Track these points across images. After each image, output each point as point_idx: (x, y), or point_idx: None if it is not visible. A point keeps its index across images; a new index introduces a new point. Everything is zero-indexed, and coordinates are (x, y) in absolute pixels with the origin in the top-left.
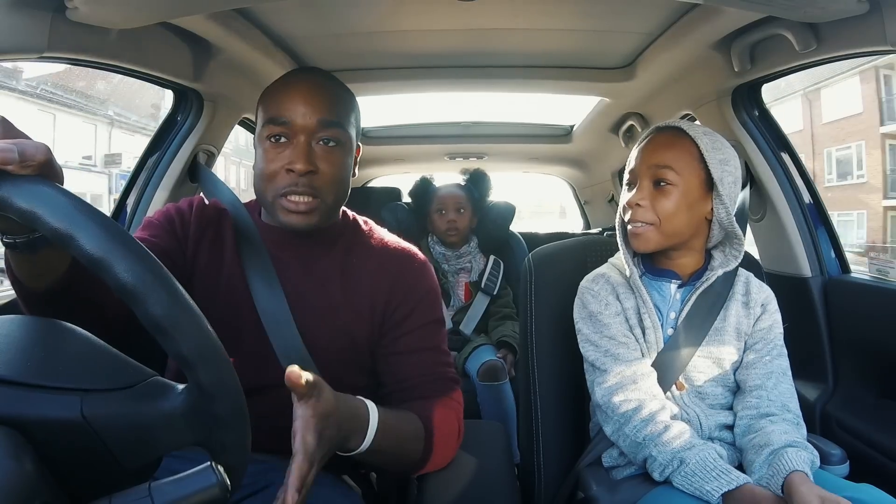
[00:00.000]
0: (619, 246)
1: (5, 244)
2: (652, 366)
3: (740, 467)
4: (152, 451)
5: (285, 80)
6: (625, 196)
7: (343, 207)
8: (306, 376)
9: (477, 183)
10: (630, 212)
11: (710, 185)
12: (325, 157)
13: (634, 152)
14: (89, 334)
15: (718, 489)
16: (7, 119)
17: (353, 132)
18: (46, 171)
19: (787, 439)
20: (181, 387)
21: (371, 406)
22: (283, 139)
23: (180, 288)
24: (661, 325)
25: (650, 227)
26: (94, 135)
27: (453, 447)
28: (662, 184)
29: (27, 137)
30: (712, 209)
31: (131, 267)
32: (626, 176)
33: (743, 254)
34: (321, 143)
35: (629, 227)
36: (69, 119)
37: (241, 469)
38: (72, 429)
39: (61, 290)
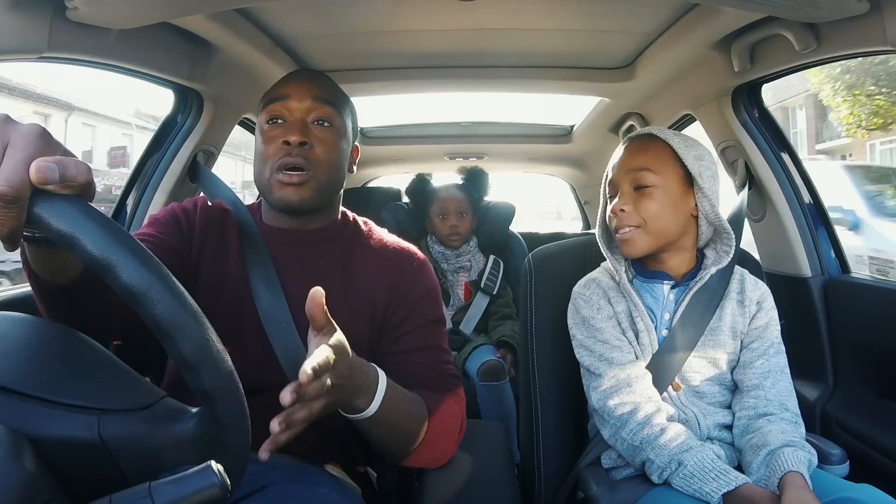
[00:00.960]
0: (604, 254)
1: (25, 238)
2: (647, 367)
3: (739, 467)
4: (157, 469)
5: (285, 75)
6: (607, 207)
7: (343, 208)
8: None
9: (476, 182)
10: (615, 220)
11: (689, 181)
12: (319, 136)
13: (611, 164)
14: (101, 347)
15: (717, 490)
16: (47, 131)
17: (348, 122)
18: (84, 191)
19: (784, 439)
20: (193, 410)
21: (381, 371)
22: (279, 121)
23: (211, 327)
24: (655, 326)
25: (637, 231)
26: (235, 168)
27: (454, 439)
28: (644, 187)
29: (68, 150)
30: (696, 205)
31: (167, 304)
32: (605, 189)
33: (734, 249)
34: (316, 123)
35: (617, 235)
36: (223, 160)
37: (240, 474)
38: (87, 448)
39: (76, 287)
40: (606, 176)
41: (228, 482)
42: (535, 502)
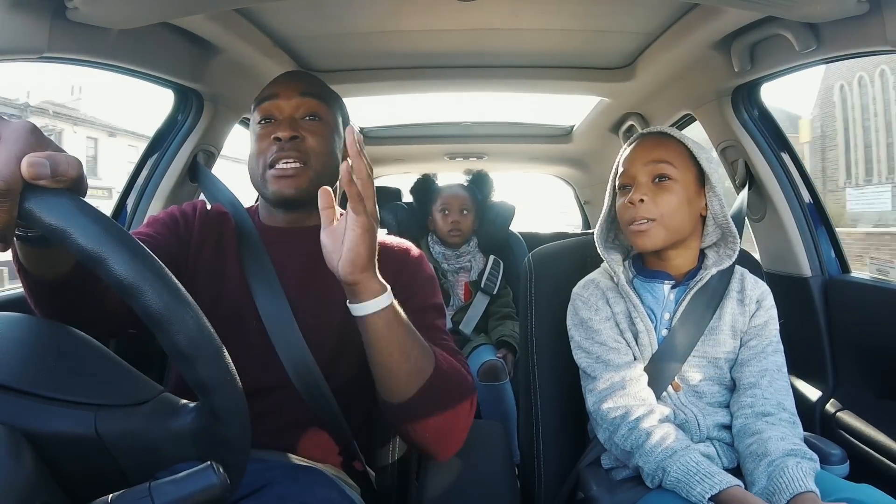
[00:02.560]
0: (601, 253)
1: (17, 236)
2: (646, 368)
3: (740, 468)
4: (156, 465)
5: (275, 78)
6: (618, 200)
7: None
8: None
9: (480, 184)
10: (630, 211)
11: (700, 182)
12: (309, 129)
13: (623, 158)
14: (98, 343)
15: (703, 494)
16: (38, 128)
17: (338, 117)
18: (75, 185)
19: (784, 447)
20: (191, 405)
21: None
22: (271, 120)
23: (204, 317)
24: (655, 326)
25: (654, 224)
26: None
27: (467, 409)
28: (663, 179)
29: (58, 147)
30: (706, 205)
31: (160, 295)
32: (614, 183)
33: (738, 252)
34: (306, 118)
35: (632, 226)
36: None
37: (241, 470)
38: (84, 444)
39: (67, 282)
40: (616, 171)
41: (228, 482)
42: (535, 502)
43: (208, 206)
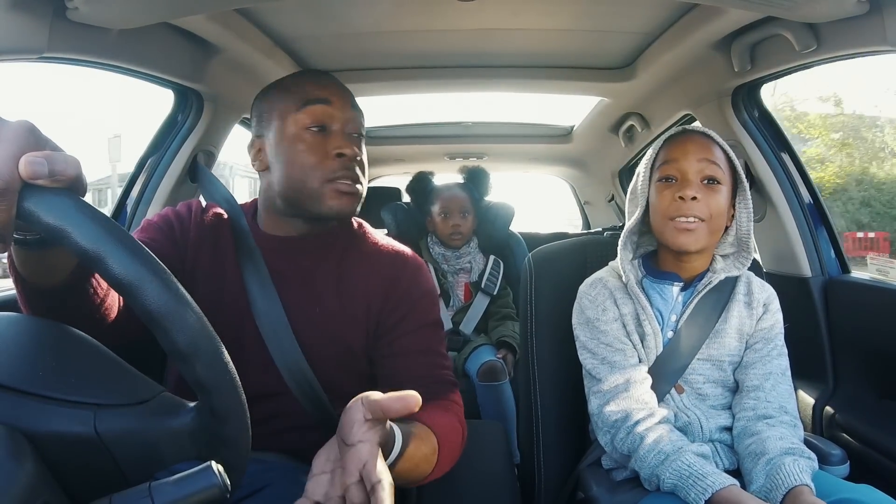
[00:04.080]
0: (620, 250)
1: (16, 241)
2: (651, 370)
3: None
4: (156, 465)
5: (316, 72)
6: (660, 191)
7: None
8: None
9: (477, 182)
10: (680, 207)
11: (733, 192)
12: (360, 148)
13: (667, 148)
14: (97, 343)
15: (697, 499)
16: (36, 127)
17: None
18: (74, 185)
19: (782, 446)
20: (191, 405)
21: (397, 431)
22: (324, 129)
23: (204, 317)
24: (661, 328)
25: (703, 224)
26: None
27: (459, 451)
28: (712, 182)
29: (56, 145)
30: (733, 216)
31: (160, 294)
32: (650, 175)
33: (749, 264)
34: (354, 135)
35: (677, 221)
36: None
37: (241, 470)
38: (83, 443)
39: (65, 289)
40: (653, 161)
41: (228, 482)
42: (535, 502)
43: (203, 205)
